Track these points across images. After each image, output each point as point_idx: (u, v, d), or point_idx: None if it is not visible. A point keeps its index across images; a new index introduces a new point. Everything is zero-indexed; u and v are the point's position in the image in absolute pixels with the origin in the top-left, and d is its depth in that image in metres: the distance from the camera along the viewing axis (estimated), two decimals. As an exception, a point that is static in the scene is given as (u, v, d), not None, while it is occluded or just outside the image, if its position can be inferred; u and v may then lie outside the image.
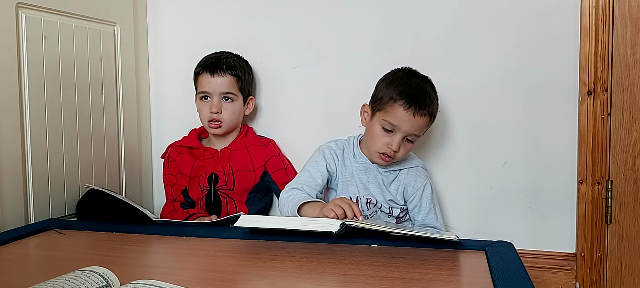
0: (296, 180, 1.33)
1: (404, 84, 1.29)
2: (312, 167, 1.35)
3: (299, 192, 1.26)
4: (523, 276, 0.85)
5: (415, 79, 1.33)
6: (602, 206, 1.44)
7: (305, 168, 1.36)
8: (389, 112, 1.27)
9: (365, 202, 1.35)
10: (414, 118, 1.25)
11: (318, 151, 1.40)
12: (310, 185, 1.30)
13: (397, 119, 1.26)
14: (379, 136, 1.29)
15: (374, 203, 1.35)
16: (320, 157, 1.37)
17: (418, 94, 1.27)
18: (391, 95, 1.27)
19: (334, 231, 1.00)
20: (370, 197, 1.35)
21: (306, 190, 1.27)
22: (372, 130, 1.31)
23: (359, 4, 1.57)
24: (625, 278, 1.45)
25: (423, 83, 1.33)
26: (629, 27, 1.40)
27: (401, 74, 1.34)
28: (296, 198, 1.22)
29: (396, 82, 1.30)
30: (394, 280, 0.87)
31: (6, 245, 1.10)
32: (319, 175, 1.33)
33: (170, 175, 1.60)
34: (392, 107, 1.26)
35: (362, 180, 1.36)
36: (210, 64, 1.53)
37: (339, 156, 1.38)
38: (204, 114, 1.54)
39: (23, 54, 1.30)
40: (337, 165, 1.37)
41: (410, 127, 1.27)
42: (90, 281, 0.74)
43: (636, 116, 1.41)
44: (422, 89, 1.30)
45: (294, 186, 1.29)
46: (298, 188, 1.28)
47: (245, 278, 0.93)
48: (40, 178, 1.35)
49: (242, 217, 1.05)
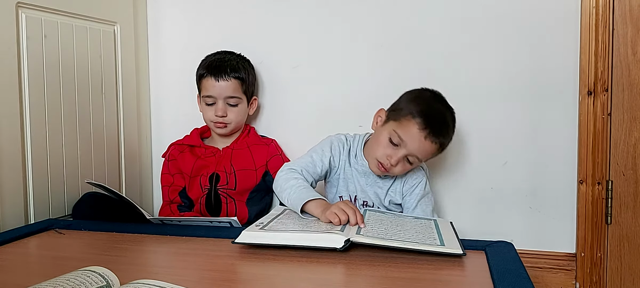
0: (297, 162, 1.31)
1: (428, 105, 1.25)
2: (316, 154, 1.33)
3: (299, 179, 1.23)
4: (523, 276, 0.85)
5: (440, 104, 1.29)
6: (602, 206, 1.44)
7: (310, 153, 1.34)
8: (403, 125, 1.24)
9: (361, 203, 1.36)
10: (424, 141, 1.22)
11: (327, 140, 1.37)
12: (309, 171, 1.29)
13: (408, 135, 1.23)
14: (383, 145, 1.26)
15: (370, 205, 1.36)
16: (327, 148, 1.35)
17: (438, 120, 1.24)
18: (411, 110, 1.23)
19: (338, 247, 0.98)
20: (366, 200, 1.36)
21: (304, 175, 1.26)
22: (379, 137, 1.28)
23: (360, 4, 1.57)
24: (625, 278, 1.45)
25: (446, 111, 1.28)
26: (629, 27, 1.40)
27: (428, 95, 1.30)
28: (299, 190, 1.20)
29: (420, 99, 1.27)
30: (394, 280, 0.87)
31: (6, 245, 1.10)
32: (319, 165, 1.32)
33: (168, 175, 1.60)
34: (408, 122, 1.23)
35: (361, 182, 1.36)
36: (215, 68, 1.51)
37: (345, 152, 1.36)
38: (208, 116, 1.54)
39: (23, 53, 1.30)
40: (340, 160, 1.36)
41: (417, 148, 1.24)
42: (90, 281, 0.74)
43: (636, 116, 1.41)
44: (442, 117, 1.26)
45: (293, 167, 1.27)
46: (297, 172, 1.26)
47: (245, 278, 0.93)
48: (40, 179, 1.35)
49: (244, 233, 1.04)
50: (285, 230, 1.07)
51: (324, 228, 1.07)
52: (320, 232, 1.03)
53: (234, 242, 1.03)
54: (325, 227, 1.08)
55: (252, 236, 1.03)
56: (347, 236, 1.00)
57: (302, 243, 1.01)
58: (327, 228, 1.07)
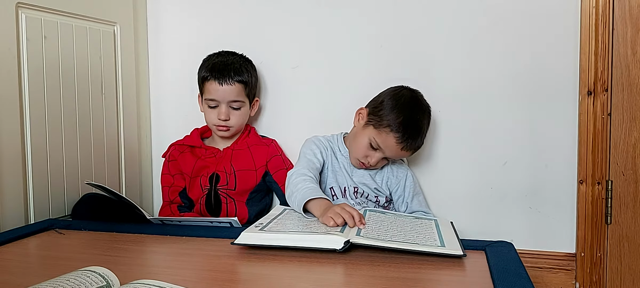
0: (302, 168, 1.34)
1: (406, 117, 1.33)
2: (309, 153, 1.42)
3: (309, 180, 1.27)
4: (523, 276, 0.85)
5: (417, 112, 1.36)
6: (602, 206, 1.44)
7: (303, 157, 1.41)
8: (381, 135, 1.33)
9: (352, 191, 1.41)
10: (401, 150, 1.34)
11: (308, 142, 1.46)
12: (312, 168, 1.36)
13: (386, 145, 1.34)
14: (363, 148, 1.36)
15: (361, 193, 1.41)
16: (313, 147, 1.43)
17: (414, 131, 1.34)
18: (389, 123, 1.32)
19: (338, 248, 0.98)
20: (357, 186, 1.41)
21: (313, 173, 1.33)
22: (359, 139, 1.37)
23: (360, 4, 1.57)
24: (625, 278, 1.45)
25: (422, 118, 1.37)
26: (629, 27, 1.40)
27: (407, 101, 1.36)
28: (303, 191, 1.22)
29: (400, 109, 1.33)
30: (394, 281, 0.87)
31: (6, 245, 1.10)
32: (316, 160, 1.40)
33: (168, 175, 1.60)
34: (387, 134, 1.33)
35: (349, 172, 1.43)
36: (218, 71, 1.50)
37: (327, 147, 1.45)
38: (211, 119, 1.54)
39: (23, 53, 1.30)
40: (326, 155, 1.44)
41: (394, 154, 1.37)
42: (90, 281, 0.74)
43: (636, 116, 1.41)
44: (419, 126, 1.35)
45: (298, 171, 1.32)
46: (303, 174, 1.30)
47: (245, 278, 0.93)
48: (40, 179, 1.35)
49: (243, 234, 1.04)
50: (285, 231, 1.07)
51: (323, 229, 1.07)
52: (320, 233, 1.03)
53: (233, 243, 1.03)
54: (324, 228, 1.08)
55: (252, 237, 1.03)
56: (347, 237, 1.00)
57: (302, 244, 1.01)
58: (327, 229, 1.07)
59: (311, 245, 1.00)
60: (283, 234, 1.04)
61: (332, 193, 1.43)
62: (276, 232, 1.06)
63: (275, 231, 1.06)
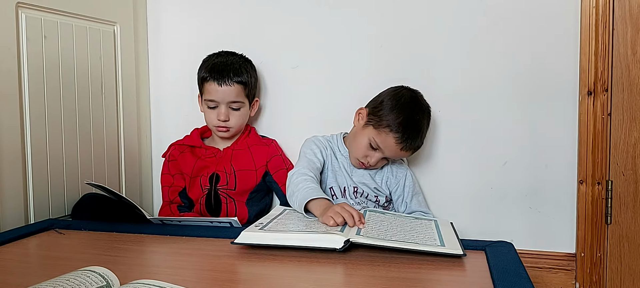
0: (302, 168, 1.34)
1: (406, 117, 1.33)
2: (310, 153, 1.42)
3: (310, 180, 1.27)
4: (523, 276, 0.85)
5: (417, 112, 1.36)
6: (602, 206, 1.44)
7: (303, 157, 1.41)
8: (381, 135, 1.33)
9: (352, 191, 1.41)
10: (401, 151, 1.34)
11: (308, 141, 1.46)
12: (313, 168, 1.36)
13: (386, 145, 1.34)
14: (363, 148, 1.36)
15: (360, 193, 1.42)
16: (314, 146, 1.44)
17: (414, 131, 1.34)
18: (389, 124, 1.32)
19: (338, 248, 0.98)
20: (356, 186, 1.42)
21: (314, 172, 1.33)
22: (359, 139, 1.38)
23: (360, 4, 1.57)
24: (625, 278, 1.45)
25: (422, 118, 1.37)
26: (629, 27, 1.40)
27: (407, 101, 1.36)
28: (304, 191, 1.22)
29: (399, 110, 1.34)
30: (394, 280, 0.87)
31: (6, 245, 1.10)
32: (317, 160, 1.41)
33: (168, 175, 1.60)
34: (386, 134, 1.33)
35: (349, 172, 1.43)
36: (218, 72, 1.50)
37: (327, 147, 1.45)
38: (210, 120, 1.54)
39: (23, 53, 1.30)
40: (326, 155, 1.44)
41: (394, 154, 1.37)
42: (90, 281, 0.74)
43: (636, 116, 1.41)
44: (418, 127, 1.35)
45: (299, 170, 1.32)
46: (304, 174, 1.30)
47: (245, 278, 0.93)
48: (40, 179, 1.35)
49: (243, 234, 1.04)
50: (285, 230, 1.07)
51: (323, 228, 1.07)
52: (320, 233, 1.03)
53: (233, 243, 1.03)
54: (324, 228, 1.08)
55: (252, 237, 1.03)
56: (347, 237, 1.00)
57: (302, 243, 1.01)
58: (327, 228, 1.07)
59: (311, 245, 1.00)
60: (283, 234, 1.05)
61: (332, 193, 1.43)
62: (276, 231, 1.06)
63: (275, 231, 1.06)
